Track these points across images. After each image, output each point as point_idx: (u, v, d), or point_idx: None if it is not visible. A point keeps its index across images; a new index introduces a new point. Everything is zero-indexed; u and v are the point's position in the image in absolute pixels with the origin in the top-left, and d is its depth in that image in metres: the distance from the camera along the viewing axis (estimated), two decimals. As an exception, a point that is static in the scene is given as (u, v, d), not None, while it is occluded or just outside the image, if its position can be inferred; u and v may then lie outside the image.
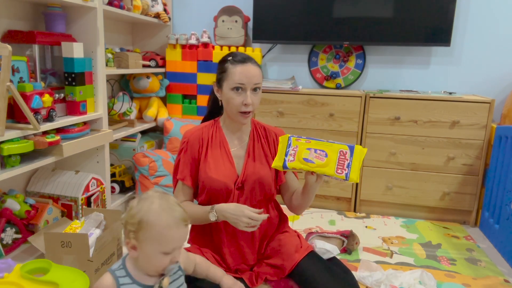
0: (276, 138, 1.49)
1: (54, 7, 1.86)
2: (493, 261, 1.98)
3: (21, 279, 1.32)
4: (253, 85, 1.35)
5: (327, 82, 2.79)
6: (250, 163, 1.43)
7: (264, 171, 1.43)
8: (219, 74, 1.40)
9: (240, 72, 1.33)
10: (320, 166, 1.20)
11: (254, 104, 1.36)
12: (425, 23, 2.47)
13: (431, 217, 2.48)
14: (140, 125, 2.54)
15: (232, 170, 1.41)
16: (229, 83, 1.35)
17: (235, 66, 1.35)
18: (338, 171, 1.19)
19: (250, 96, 1.34)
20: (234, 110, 1.36)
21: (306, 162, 1.21)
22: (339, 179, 1.20)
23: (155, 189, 1.23)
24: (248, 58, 1.37)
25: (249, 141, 1.47)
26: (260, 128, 1.51)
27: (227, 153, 1.44)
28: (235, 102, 1.34)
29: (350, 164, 1.20)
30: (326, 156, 1.21)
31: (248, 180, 1.40)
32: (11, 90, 1.44)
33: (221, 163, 1.42)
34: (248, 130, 1.49)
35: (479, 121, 2.29)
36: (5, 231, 1.61)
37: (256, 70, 1.36)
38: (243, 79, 1.33)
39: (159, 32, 2.87)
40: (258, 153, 1.45)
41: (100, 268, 1.61)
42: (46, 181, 1.95)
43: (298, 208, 1.47)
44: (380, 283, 1.66)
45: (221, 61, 1.41)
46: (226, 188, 1.39)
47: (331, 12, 2.55)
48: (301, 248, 1.43)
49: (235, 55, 1.39)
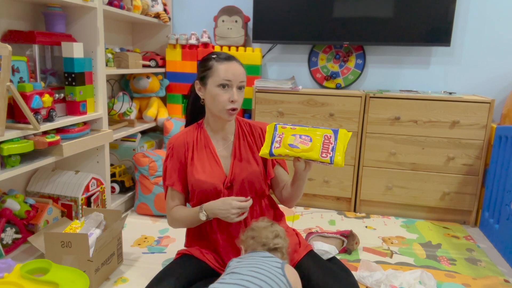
0: (261, 133, 1.48)
1: (54, 7, 1.86)
2: (493, 261, 1.98)
3: (21, 279, 1.32)
4: (239, 83, 1.36)
5: (327, 82, 2.79)
6: (237, 161, 1.42)
7: (252, 168, 1.42)
8: (202, 72, 1.39)
9: (226, 69, 1.34)
10: (305, 151, 1.22)
11: (239, 102, 1.37)
12: (425, 23, 2.47)
13: (431, 217, 2.48)
14: (140, 125, 2.54)
15: (219, 171, 1.41)
16: (215, 80, 1.35)
17: (221, 63, 1.35)
18: (322, 155, 1.20)
19: (236, 93, 1.35)
20: (221, 107, 1.36)
21: (291, 148, 1.23)
22: (325, 163, 1.22)
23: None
24: (232, 56, 1.39)
25: (234, 140, 1.46)
26: (245, 125, 1.50)
27: (213, 154, 1.43)
28: (221, 99, 1.34)
29: (335, 148, 1.22)
30: (311, 141, 1.22)
31: (236, 179, 1.40)
32: (11, 90, 1.44)
33: (208, 164, 1.41)
34: (233, 128, 1.48)
35: (479, 121, 2.29)
36: (5, 231, 1.62)
37: (241, 68, 1.38)
38: (230, 76, 1.34)
39: (159, 32, 2.87)
40: (244, 151, 1.45)
41: (100, 268, 1.61)
42: (46, 181, 1.95)
43: (288, 200, 1.47)
44: (380, 283, 1.66)
45: (205, 59, 1.40)
46: (215, 189, 1.39)
47: (331, 12, 2.55)
48: (300, 248, 1.43)
49: (219, 54, 1.39)
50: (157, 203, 2.32)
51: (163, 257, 1.90)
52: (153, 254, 1.93)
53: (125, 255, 1.89)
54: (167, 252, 1.94)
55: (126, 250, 1.94)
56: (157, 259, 1.87)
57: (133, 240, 2.06)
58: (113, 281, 1.67)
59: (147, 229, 2.20)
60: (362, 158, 2.46)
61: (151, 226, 2.25)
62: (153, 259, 1.87)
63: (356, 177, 2.51)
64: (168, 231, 2.18)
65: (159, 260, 1.86)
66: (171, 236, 2.12)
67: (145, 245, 2.01)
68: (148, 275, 1.59)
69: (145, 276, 1.68)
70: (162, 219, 2.34)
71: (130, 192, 2.50)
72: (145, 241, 2.06)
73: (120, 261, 1.79)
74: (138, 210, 2.39)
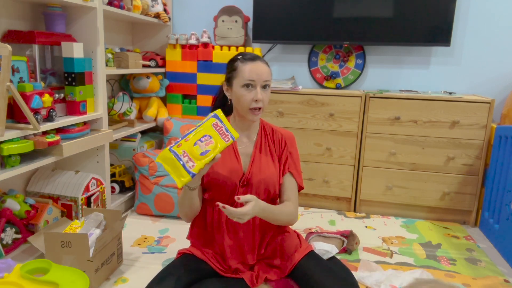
0: (281, 139, 1.50)
1: (54, 7, 1.86)
2: (493, 261, 1.98)
3: (21, 279, 1.32)
4: (263, 82, 1.37)
5: (327, 82, 2.80)
6: (257, 161, 1.44)
7: (270, 171, 1.43)
8: (229, 73, 1.42)
9: (250, 70, 1.35)
10: (214, 148, 1.24)
11: (264, 101, 1.38)
12: (425, 23, 2.47)
13: (431, 217, 2.48)
14: (140, 125, 2.54)
15: (238, 167, 1.42)
16: (239, 80, 1.37)
17: (245, 64, 1.37)
18: (225, 140, 1.27)
19: (260, 92, 1.35)
20: (245, 107, 1.38)
21: (205, 156, 1.23)
22: (229, 145, 1.30)
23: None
24: (257, 56, 1.41)
25: (257, 140, 1.48)
26: (268, 129, 1.52)
27: (234, 150, 1.45)
28: (245, 99, 1.36)
29: (227, 128, 1.28)
30: (211, 137, 1.25)
31: (253, 178, 1.41)
32: (11, 90, 1.44)
33: (228, 159, 1.43)
34: (257, 129, 1.50)
35: (479, 121, 2.29)
36: (5, 231, 1.62)
37: (265, 67, 1.39)
38: (253, 76, 1.35)
39: (159, 32, 2.87)
40: (264, 153, 1.46)
41: (100, 268, 1.61)
42: (46, 181, 1.95)
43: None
44: (380, 283, 1.66)
45: (231, 61, 1.43)
46: (231, 183, 1.40)
47: (331, 12, 2.55)
48: (301, 248, 1.44)
49: (244, 54, 1.42)
50: (157, 203, 2.32)
51: (163, 257, 1.90)
52: (153, 254, 1.93)
53: (125, 255, 1.89)
54: (167, 252, 1.94)
55: (126, 250, 1.94)
56: (157, 259, 1.87)
57: (133, 240, 2.06)
58: (113, 281, 1.67)
59: (147, 229, 2.20)
60: (362, 158, 2.46)
61: (151, 226, 2.25)
62: (153, 259, 1.88)
63: (356, 177, 2.51)
64: (168, 231, 2.18)
65: (159, 260, 1.86)
66: (171, 236, 2.12)
67: (145, 245, 2.01)
68: (148, 275, 1.59)
69: (145, 276, 1.68)
70: (162, 219, 2.34)
71: (130, 192, 2.50)
72: (145, 241, 2.06)
73: (120, 261, 1.79)
74: (138, 210, 2.39)
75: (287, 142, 1.49)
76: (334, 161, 2.51)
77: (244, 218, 1.24)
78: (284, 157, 1.48)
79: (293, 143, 1.51)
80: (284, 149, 1.48)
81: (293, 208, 1.44)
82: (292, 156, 1.49)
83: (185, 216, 1.43)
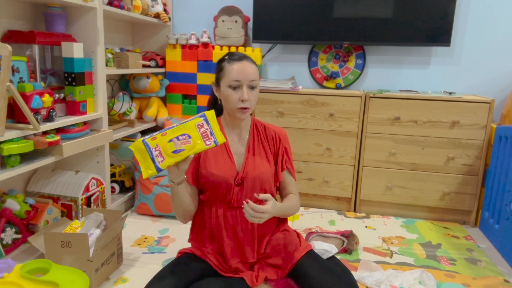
0: (275, 136, 1.51)
1: (54, 7, 1.86)
2: (493, 261, 1.98)
3: (21, 279, 1.32)
4: (249, 81, 1.37)
5: (327, 82, 2.79)
6: (250, 160, 1.44)
7: (264, 168, 1.44)
8: (217, 74, 1.44)
9: (236, 70, 1.36)
10: (190, 149, 1.22)
11: (251, 101, 1.38)
12: (425, 23, 2.47)
13: (431, 217, 2.48)
14: (140, 125, 2.54)
15: (231, 166, 1.43)
16: (226, 81, 1.38)
17: (231, 64, 1.38)
18: (207, 143, 1.24)
19: (246, 92, 1.36)
20: (233, 107, 1.39)
21: (177, 154, 1.21)
22: (211, 148, 1.27)
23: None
24: (244, 56, 1.40)
25: (249, 138, 1.49)
26: (260, 127, 1.53)
27: (227, 150, 1.45)
28: (232, 99, 1.37)
29: (212, 131, 1.25)
30: (190, 137, 1.23)
31: (247, 177, 1.42)
32: (11, 90, 1.44)
33: (221, 159, 1.43)
34: (248, 127, 1.51)
35: (479, 121, 2.29)
36: (5, 231, 1.62)
37: (252, 67, 1.39)
38: (239, 76, 1.36)
39: (159, 32, 2.87)
40: (258, 150, 1.47)
41: (100, 268, 1.61)
42: (46, 181, 1.95)
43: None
44: (380, 283, 1.66)
45: (219, 61, 1.44)
46: (226, 183, 1.40)
47: (331, 12, 2.55)
48: (300, 247, 1.44)
49: (232, 54, 1.42)
50: (157, 203, 2.32)
51: (163, 257, 1.90)
52: (153, 254, 1.93)
53: (125, 255, 1.89)
54: (167, 252, 1.94)
55: (126, 250, 1.94)
56: (157, 259, 1.87)
57: (133, 240, 2.06)
58: (113, 281, 1.67)
59: (147, 229, 2.20)
60: (362, 158, 2.46)
61: (151, 226, 2.25)
62: (153, 259, 1.88)
63: (356, 177, 2.51)
64: (168, 231, 2.18)
65: (159, 260, 1.86)
66: (171, 236, 2.12)
67: (145, 245, 2.01)
68: (148, 275, 1.58)
69: (145, 276, 1.68)
70: (162, 219, 2.34)
71: (130, 192, 2.50)
72: (145, 241, 2.06)
73: (120, 261, 1.79)
74: (138, 210, 2.39)
75: (281, 139, 1.51)
76: (334, 161, 2.51)
77: (263, 217, 1.27)
78: (281, 153, 1.50)
79: (286, 139, 1.54)
80: (279, 146, 1.51)
81: (298, 199, 1.53)
82: (287, 152, 1.52)
83: (180, 216, 1.44)
